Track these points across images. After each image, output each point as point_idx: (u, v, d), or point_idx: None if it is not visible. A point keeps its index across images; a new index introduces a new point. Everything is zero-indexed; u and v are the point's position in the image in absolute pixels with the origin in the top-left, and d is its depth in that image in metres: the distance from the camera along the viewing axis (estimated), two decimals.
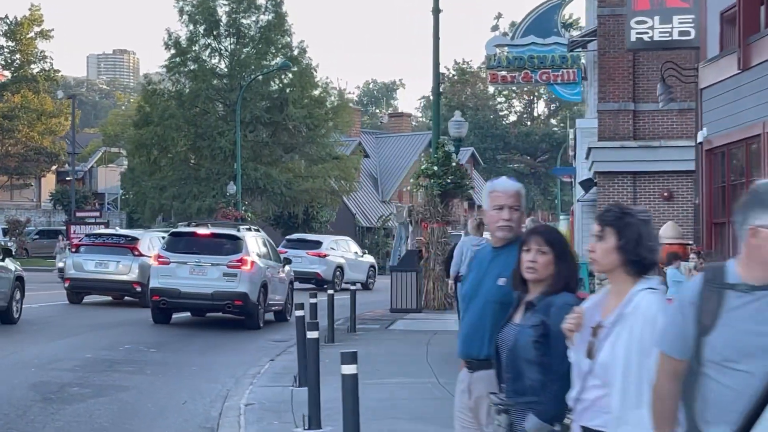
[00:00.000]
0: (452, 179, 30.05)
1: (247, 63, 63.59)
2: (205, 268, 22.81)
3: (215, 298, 22.76)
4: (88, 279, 27.57)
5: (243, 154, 59.26)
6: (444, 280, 30.54)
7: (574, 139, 34.98)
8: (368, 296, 36.29)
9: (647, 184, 31.14)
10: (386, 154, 77.85)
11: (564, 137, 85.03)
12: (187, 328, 24.01)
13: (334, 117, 64.75)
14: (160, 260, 23.29)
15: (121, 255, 27.66)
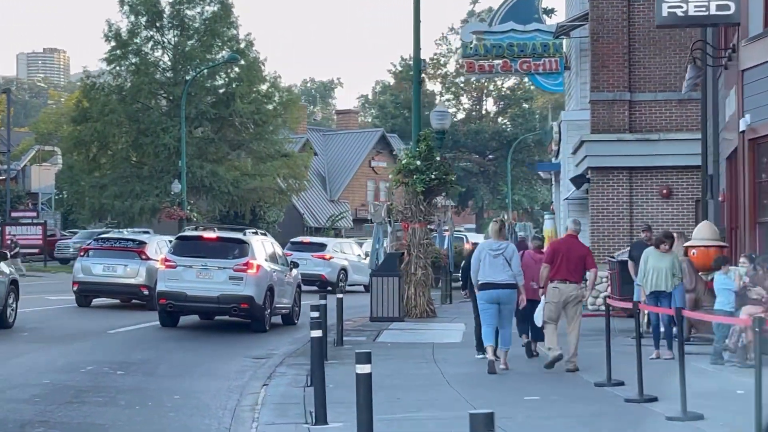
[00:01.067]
0: (436, 175, 27.34)
1: (191, 56, 60.54)
2: (212, 272, 22.89)
3: (221, 301, 22.84)
4: (96, 282, 27.89)
5: (188, 152, 56.44)
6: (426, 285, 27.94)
7: (559, 132, 32.48)
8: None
9: (644, 181, 28.76)
10: (334, 152, 75.19)
11: (515, 135, 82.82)
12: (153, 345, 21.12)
13: (282, 113, 61.87)
14: (166, 264, 23.38)
15: (128, 259, 27.93)
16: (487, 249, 17.27)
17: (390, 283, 26.52)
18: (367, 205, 74.16)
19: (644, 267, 17.49)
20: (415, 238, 27.89)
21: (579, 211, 31.86)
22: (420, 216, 27.82)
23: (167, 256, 23.78)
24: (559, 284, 17.31)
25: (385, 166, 74.78)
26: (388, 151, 75.21)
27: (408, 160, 27.59)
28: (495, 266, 16.82)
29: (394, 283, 26.53)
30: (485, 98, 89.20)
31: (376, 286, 26.55)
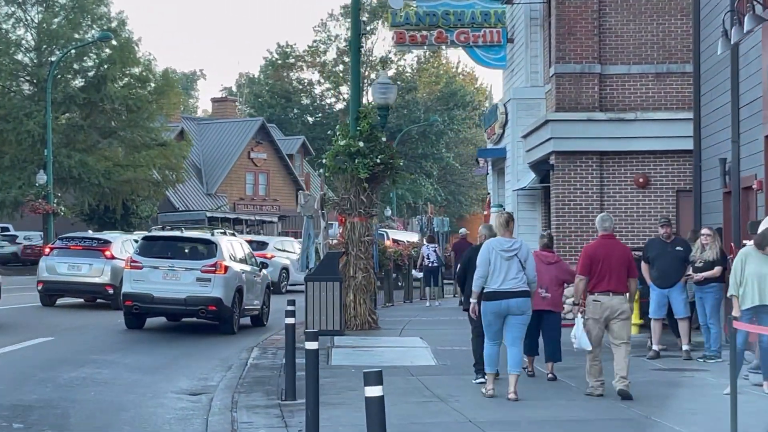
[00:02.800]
0: (382, 159, 22.65)
1: (57, 35, 54.85)
2: (179, 273, 22.38)
3: (189, 303, 22.29)
4: (61, 282, 27.80)
5: (54, 139, 51.47)
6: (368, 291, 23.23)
7: (505, 113, 28.04)
8: None
9: (617, 167, 24.54)
10: (211, 142, 69.92)
11: (398, 127, 78.43)
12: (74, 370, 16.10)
13: (157, 98, 56.40)
14: (132, 264, 22.80)
15: (93, 258, 27.74)
16: (497, 249, 13.40)
17: (329, 290, 21.72)
18: (245, 198, 69.17)
19: (739, 274, 13.10)
20: (354, 235, 23.16)
21: (530, 203, 27.52)
22: (361, 208, 23.10)
23: (133, 256, 23.13)
24: (601, 297, 13.76)
25: (265, 158, 69.82)
26: (269, 142, 70.14)
27: (348, 141, 22.80)
28: (507, 271, 13.44)
29: (335, 289, 21.74)
30: (366, 88, 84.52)
31: (312, 293, 21.72)
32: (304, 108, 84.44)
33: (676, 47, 24.38)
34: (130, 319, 23.08)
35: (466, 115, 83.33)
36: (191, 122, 71.13)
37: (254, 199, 69.61)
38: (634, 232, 24.23)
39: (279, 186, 70.89)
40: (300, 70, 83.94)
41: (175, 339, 22.08)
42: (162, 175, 57.61)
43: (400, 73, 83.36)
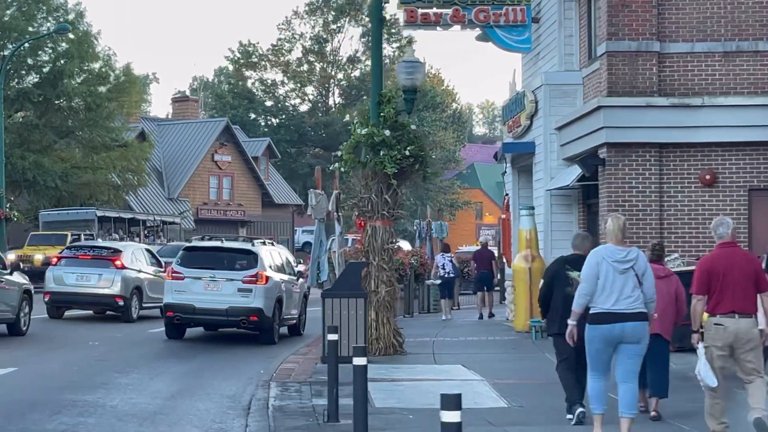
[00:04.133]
0: (411, 150, 18.76)
1: (10, 27, 50.36)
2: (220, 284, 22.10)
3: (230, 313, 21.97)
4: (69, 293, 26.73)
5: (7, 139, 46.67)
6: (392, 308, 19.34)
7: (535, 102, 24.21)
8: None
9: (679, 162, 20.83)
10: (172, 144, 65.79)
11: None
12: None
13: (118, 95, 52.17)
14: (174, 275, 22.54)
15: (102, 268, 26.81)
16: (608, 260, 10.69)
17: (351, 307, 17.87)
18: (209, 203, 65.03)
19: None
20: (375, 241, 19.25)
21: (565, 205, 23.74)
22: (384, 209, 19.19)
23: (174, 267, 22.80)
24: (724, 320, 10.84)
25: (229, 161, 65.73)
26: (233, 144, 66.05)
27: (370, 129, 18.86)
28: (622, 287, 10.67)
29: (358, 306, 17.87)
30: (333, 88, 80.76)
31: (330, 312, 17.82)
32: (268, 109, 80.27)
33: (747, 22, 20.74)
34: (171, 329, 22.84)
35: (436, 116, 79.64)
36: (151, 123, 66.76)
37: (218, 204, 65.61)
38: (699, 238, 20.55)
39: (244, 190, 66.95)
40: (263, 70, 79.81)
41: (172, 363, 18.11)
42: (122, 178, 53.49)
43: (368, 73, 79.39)
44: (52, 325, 25.55)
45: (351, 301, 17.91)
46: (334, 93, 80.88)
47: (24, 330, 22.58)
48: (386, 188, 19.16)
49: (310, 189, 19.86)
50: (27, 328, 22.80)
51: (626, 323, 10.55)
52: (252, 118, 79.97)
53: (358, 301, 17.92)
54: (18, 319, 22.24)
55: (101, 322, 26.83)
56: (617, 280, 10.61)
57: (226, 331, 25.34)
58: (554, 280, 12.26)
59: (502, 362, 18.15)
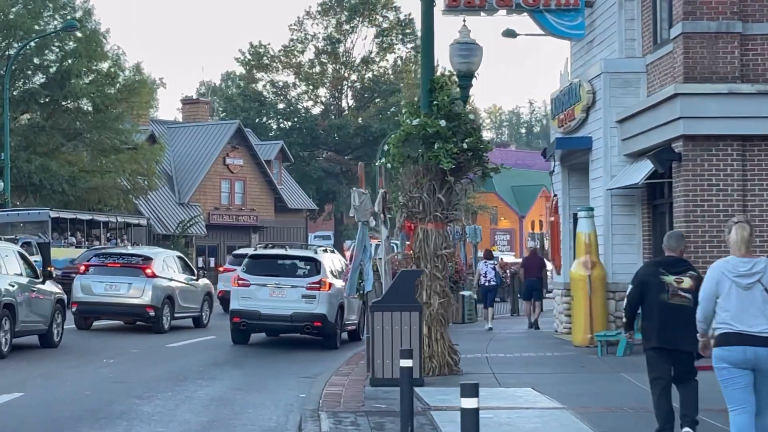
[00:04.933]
0: (470, 143, 16.43)
1: (15, 26, 48.10)
2: (285, 290, 22.68)
3: (294, 319, 22.52)
4: (97, 303, 25.91)
5: (12, 142, 44.93)
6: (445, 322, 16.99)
7: (592, 92, 21.82)
8: None
9: (765, 156, 18.45)
10: (182, 147, 63.53)
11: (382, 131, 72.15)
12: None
13: (128, 96, 49.94)
14: (240, 282, 23.21)
15: (133, 276, 26.00)
16: (731, 274, 9.04)
17: (404, 322, 15.51)
18: (221, 208, 62.79)
19: None
20: (427, 247, 16.89)
21: (628, 206, 21.35)
22: (437, 210, 16.84)
23: (240, 274, 23.55)
24: None
25: (241, 164, 63.50)
26: (245, 147, 63.84)
27: (422, 120, 16.51)
28: (750, 305, 9.01)
29: (412, 321, 15.51)
30: (346, 90, 78.44)
31: (380, 327, 15.49)
32: (279, 112, 77.97)
33: None
34: (237, 335, 23.39)
35: None
36: (161, 126, 64.59)
37: (230, 209, 63.38)
38: None
39: (256, 194, 64.74)
40: (275, 72, 77.51)
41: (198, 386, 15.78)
42: (132, 182, 51.20)
43: (382, 75, 77.29)
44: (79, 337, 24.22)
45: (404, 314, 15.56)
46: (347, 95, 78.58)
47: (57, 342, 21.74)
48: (440, 186, 16.82)
49: (353, 188, 17.45)
50: (60, 340, 21.92)
51: (760, 348, 8.85)
52: (263, 121, 77.74)
53: (412, 315, 15.57)
54: (50, 330, 21.48)
55: (130, 333, 25.66)
56: (743, 298, 8.97)
57: (254, 346, 23.22)
58: (646, 285, 10.88)
59: (577, 384, 15.80)
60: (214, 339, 25.01)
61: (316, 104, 79.11)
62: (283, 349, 23.26)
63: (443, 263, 16.97)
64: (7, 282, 19.91)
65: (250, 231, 64.22)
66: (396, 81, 76.25)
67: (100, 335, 25.11)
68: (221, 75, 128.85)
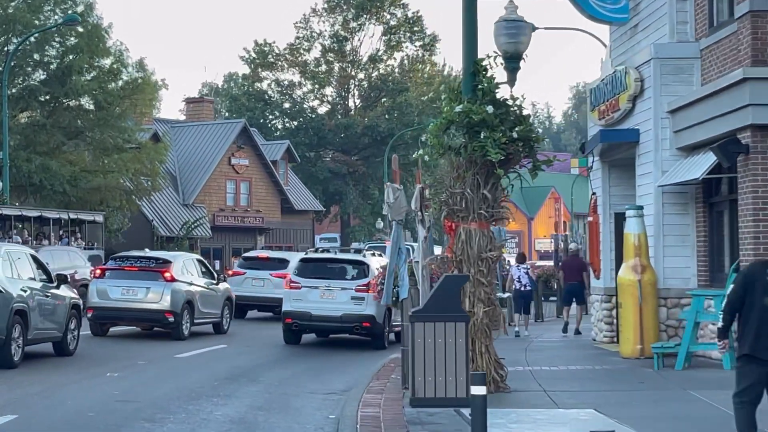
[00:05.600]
0: (520, 132, 14.52)
1: (14, 20, 46.18)
2: (335, 292, 23.61)
3: (344, 320, 23.42)
4: (114, 308, 25.13)
5: (11, 141, 43.09)
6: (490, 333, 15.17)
7: (640, 80, 19.93)
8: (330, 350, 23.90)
9: None
10: (186, 147, 61.86)
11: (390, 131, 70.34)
12: None
13: (131, 93, 48.05)
14: (292, 284, 24.23)
15: (151, 280, 25.20)
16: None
17: (449, 334, 13.66)
18: (226, 209, 61.00)
19: None
20: (470, 249, 14.97)
21: (680, 205, 19.44)
22: (482, 208, 14.92)
23: (292, 277, 24.52)
24: None
25: (247, 165, 61.75)
26: (251, 146, 62.05)
27: (467, 106, 14.60)
28: None
29: (458, 333, 13.64)
30: (353, 89, 76.60)
31: (421, 340, 13.62)
32: (285, 112, 76.19)
33: None
34: (289, 335, 24.33)
35: None
36: (164, 125, 62.76)
37: (235, 210, 61.64)
38: None
39: (262, 195, 62.99)
40: (280, 70, 75.69)
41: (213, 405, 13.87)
42: (135, 182, 49.25)
43: (389, 74, 75.43)
44: (94, 344, 23.05)
45: (448, 325, 13.68)
46: (354, 94, 76.74)
47: (72, 350, 20.73)
48: (485, 181, 14.92)
49: (387, 183, 15.57)
50: (75, 348, 20.90)
51: None
52: (268, 121, 75.99)
53: (457, 327, 13.67)
54: (65, 338, 20.43)
55: (141, 340, 24.59)
56: None
57: (269, 355, 21.41)
58: (749, 286, 9.74)
59: (644, 405, 13.90)
60: (225, 348, 23.41)
61: (323, 103, 77.48)
62: (301, 359, 21.47)
63: (488, 267, 15.06)
64: (19, 287, 18.71)
65: (256, 233, 62.60)
66: (404, 80, 74.42)
67: (114, 342, 23.90)
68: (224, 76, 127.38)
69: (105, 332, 25.46)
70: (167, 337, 24.62)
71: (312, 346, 24.08)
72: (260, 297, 31.86)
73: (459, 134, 14.66)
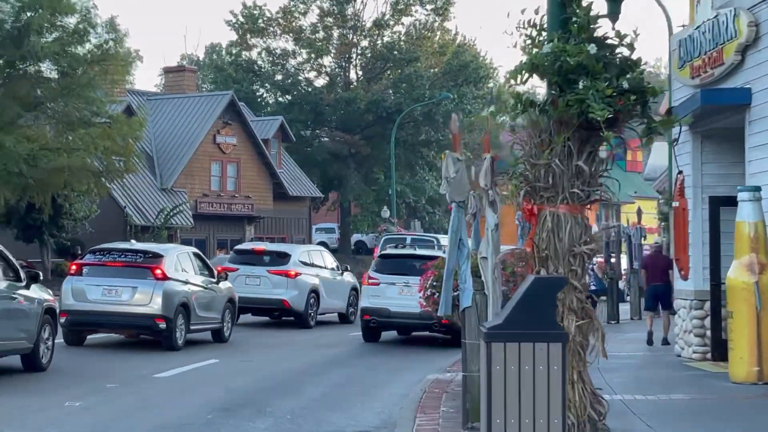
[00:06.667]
0: (632, 82, 11.65)
1: None
2: (413, 289, 22.83)
3: (423, 317, 23.79)
4: (93, 312, 23.39)
5: None
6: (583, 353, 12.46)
7: (755, 25, 17.04)
8: None
9: None
10: (165, 123, 59.59)
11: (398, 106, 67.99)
12: None
13: (101, 58, 45.26)
14: (370, 281, 26.32)
15: (138, 279, 23.60)
16: None
17: (539, 359, 10.77)
18: (210, 194, 58.50)
19: None
20: (559, 241, 12.11)
21: None
22: (576, 185, 12.03)
23: (370, 273, 26.63)
24: None
25: (235, 144, 59.30)
26: (240, 123, 59.58)
27: (558, 45, 11.70)
28: None
29: (551, 357, 10.78)
30: (355, 59, 74.02)
31: (497, 366, 10.78)
32: (277, 84, 73.76)
33: None
34: (367, 333, 26.29)
35: (477, 93, 72.91)
36: (140, 97, 60.43)
37: (221, 196, 59.27)
38: None
39: (252, 179, 60.71)
40: (272, 37, 73.13)
41: None
42: (106, 162, 46.36)
43: (396, 42, 72.79)
44: (66, 357, 21.04)
45: (539, 348, 10.75)
46: (356, 65, 74.26)
47: (45, 364, 19.30)
48: (579, 149, 12.02)
49: (446, 152, 12.62)
50: (50, 361, 19.42)
51: None
52: (259, 94, 73.93)
53: (551, 349, 10.74)
54: (36, 349, 18.97)
55: (120, 352, 22.97)
56: None
57: (270, 376, 18.73)
58: None
59: None
60: (216, 364, 21.02)
61: (320, 75, 75.03)
62: (315, 378, 18.80)
63: (582, 266, 12.19)
64: None
65: (245, 222, 60.37)
66: (413, 49, 71.87)
67: (89, 354, 22.35)
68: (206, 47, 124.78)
69: (81, 341, 23.96)
70: (153, 348, 22.91)
71: (325, 364, 21.43)
72: (256, 298, 30.06)
73: (549, 85, 11.80)
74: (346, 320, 32.80)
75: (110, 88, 48.41)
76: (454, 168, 12.51)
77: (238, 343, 25.03)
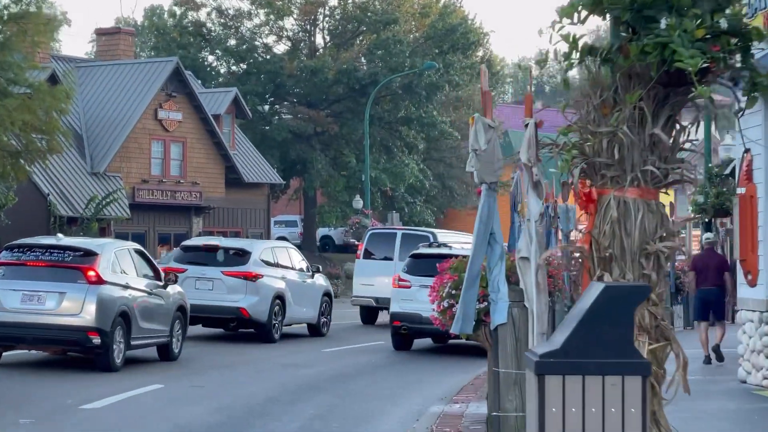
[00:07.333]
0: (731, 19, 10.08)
1: None
2: None
3: None
4: (10, 323, 22.82)
5: None
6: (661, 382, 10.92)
7: None
8: None
9: None
10: (97, 95, 58.39)
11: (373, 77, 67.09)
12: None
13: (18, 17, 44.22)
14: (400, 283, 27.78)
15: (66, 282, 23.07)
16: None
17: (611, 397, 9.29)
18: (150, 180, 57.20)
19: None
20: (627, 236, 10.49)
21: None
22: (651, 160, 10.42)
23: (400, 275, 28.14)
24: None
25: (180, 120, 58.03)
26: (185, 96, 58.23)
27: None
28: None
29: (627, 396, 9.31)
30: (322, 21, 73.00)
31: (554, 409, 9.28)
32: (230, 51, 72.85)
33: None
34: (398, 340, 27.68)
35: (466, 63, 71.97)
36: (67, 64, 58.97)
37: (163, 182, 58.06)
38: None
39: (200, 162, 59.59)
40: None
41: None
42: (25, 140, 45.07)
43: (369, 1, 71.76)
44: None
45: (610, 382, 9.19)
46: (323, 28, 73.58)
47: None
48: (655, 112, 10.39)
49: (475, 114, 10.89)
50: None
51: None
52: (208, 63, 73.50)
53: (628, 384, 9.19)
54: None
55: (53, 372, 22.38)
56: None
57: (238, 406, 17.47)
58: None
59: None
60: (161, 390, 20.04)
61: (281, 40, 74.56)
62: (285, 407, 17.45)
63: (658, 269, 10.57)
64: None
65: (192, 213, 59.37)
66: (390, 9, 71.11)
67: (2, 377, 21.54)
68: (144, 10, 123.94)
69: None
70: (83, 369, 22.30)
71: (297, 390, 20.16)
72: (208, 306, 29.42)
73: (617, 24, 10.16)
74: (317, 332, 32.26)
75: (30, 51, 47.19)
76: (486, 137, 10.78)
77: (188, 362, 24.39)
